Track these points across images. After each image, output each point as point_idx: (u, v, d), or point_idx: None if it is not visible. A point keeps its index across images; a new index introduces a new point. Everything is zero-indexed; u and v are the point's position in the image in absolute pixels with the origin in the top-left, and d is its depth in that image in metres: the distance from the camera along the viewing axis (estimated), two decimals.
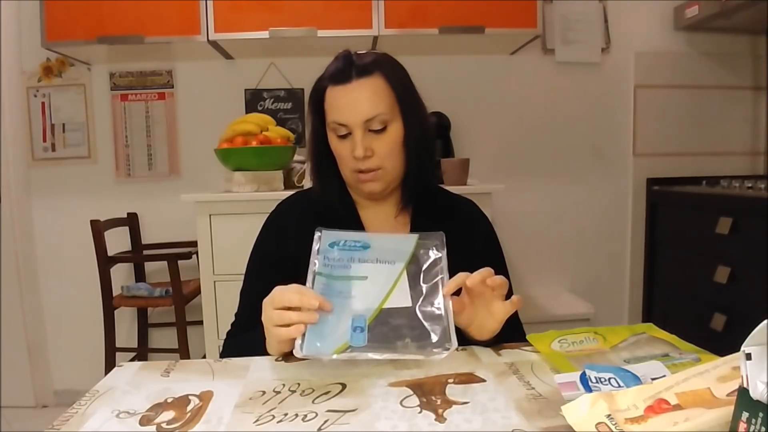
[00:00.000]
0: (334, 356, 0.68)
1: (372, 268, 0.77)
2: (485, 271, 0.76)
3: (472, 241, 1.00)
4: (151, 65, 2.40)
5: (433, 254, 0.79)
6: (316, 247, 0.79)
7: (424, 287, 0.75)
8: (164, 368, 0.77)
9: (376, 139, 0.93)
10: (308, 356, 0.68)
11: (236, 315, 1.02)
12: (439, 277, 0.77)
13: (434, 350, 0.69)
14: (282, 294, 0.72)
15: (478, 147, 2.44)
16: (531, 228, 2.53)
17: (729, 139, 2.55)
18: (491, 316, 0.79)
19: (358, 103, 0.90)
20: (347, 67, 0.92)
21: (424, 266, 0.78)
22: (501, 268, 1.04)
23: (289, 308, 0.71)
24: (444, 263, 0.79)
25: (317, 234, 0.80)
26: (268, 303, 0.74)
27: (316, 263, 0.77)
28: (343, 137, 0.94)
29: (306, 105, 1.04)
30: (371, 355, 0.68)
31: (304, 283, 0.75)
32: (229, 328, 1.02)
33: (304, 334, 0.69)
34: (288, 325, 0.71)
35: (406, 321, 0.72)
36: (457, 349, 0.75)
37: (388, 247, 0.80)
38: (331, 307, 0.71)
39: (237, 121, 1.99)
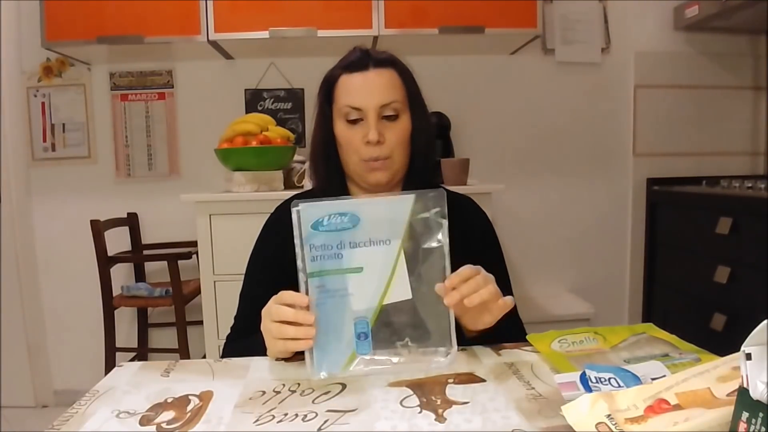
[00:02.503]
0: (346, 373, 0.69)
1: (366, 254, 0.70)
2: (466, 289, 0.72)
3: (469, 239, 1.00)
4: (151, 65, 2.40)
5: (433, 223, 0.72)
6: (298, 233, 0.70)
7: (424, 271, 0.72)
8: (164, 368, 0.78)
9: (388, 127, 0.94)
10: (321, 376, 0.69)
11: (235, 318, 1.02)
12: (441, 265, 0.72)
13: (438, 354, 0.70)
14: (278, 308, 0.72)
15: (478, 147, 2.44)
16: (531, 228, 2.53)
17: (729, 139, 2.55)
18: (487, 310, 0.77)
19: (374, 87, 0.92)
20: (364, 58, 0.94)
21: (424, 243, 0.72)
22: (498, 266, 1.04)
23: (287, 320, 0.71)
24: (445, 246, 0.72)
25: (294, 211, 0.70)
26: (266, 314, 0.74)
27: (304, 259, 0.69)
28: (354, 122, 0.94)
29: (307, 103, 1.03)
30: (378, 367, 0.69)
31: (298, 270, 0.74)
32: (228, 331, 1.01)
33: (311, 352, 0.69)
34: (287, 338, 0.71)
35: (408, 319, 0.71)
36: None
37: (380, 216, 0.71)
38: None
39: (237, 121, 1.99)
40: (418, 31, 2.08)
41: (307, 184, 1.87)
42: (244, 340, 0.92)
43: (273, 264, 0.98)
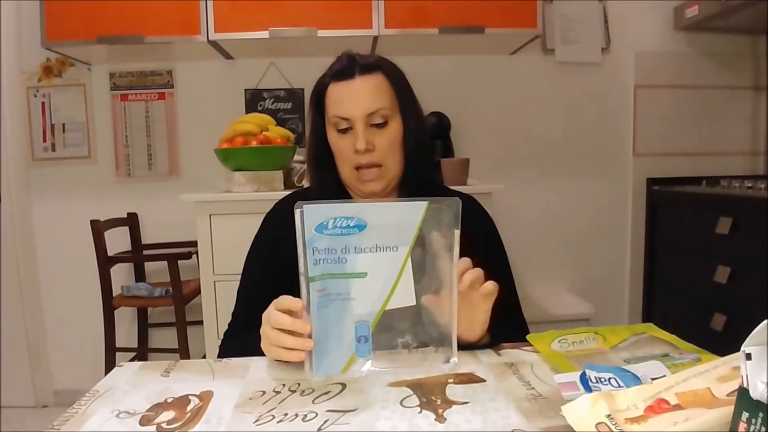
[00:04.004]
0: (345, 375, 0.69)
1: (371, 259, 0.67)
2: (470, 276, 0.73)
3: (472, 238, 1.00)
4: (151, 65, 2.40)
5: (445, 232, 0.69)
6: (300, 235, 0.66)
7: (430, 280, 0.70)
8: (164, 368, 0.78)
9: (377, 134, 0.94)
10: (320, 377, 0.69)
11: (233, 315, 1.02)
12: (449, 275, 0.70)
13: (438, 361, 0.70)
14: (278, 315, 0.71)
15: (478, 147, 2.44)
16: (531, 228, 2.53)
17: (729, 139, 2.55)
18: (474, 308, 0.76)
19: (360, 96, 0.92)
20: (350, 65, 0.94)
21: (432, 252, 0.69)
22: (503, 267, 1.04)
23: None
24: (455, 257, 0.70)
25: (297, 213, 0.66)
26: (265, 320, 0.74)
27: (306, 262, 0.66)
28: (343, 132, 0.94)
29: (307, 104, 1.04)
30: (377, 370, 0.69)
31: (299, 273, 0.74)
32: (226, 328, 1.02)
33: (311, 353, 0.68)
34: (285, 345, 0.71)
35: (410, 324, 0.71)
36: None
37: (389, 222, 0.68)
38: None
39: (237, 121, 1.99)
40: (418, 31, 2.08)
41: (307, 185, 1.87)
42: (242, 338, 0.92)
43: (271, 259, 0.98)
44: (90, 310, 2.28)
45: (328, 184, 1.01)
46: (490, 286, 0.75)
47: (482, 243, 1.01)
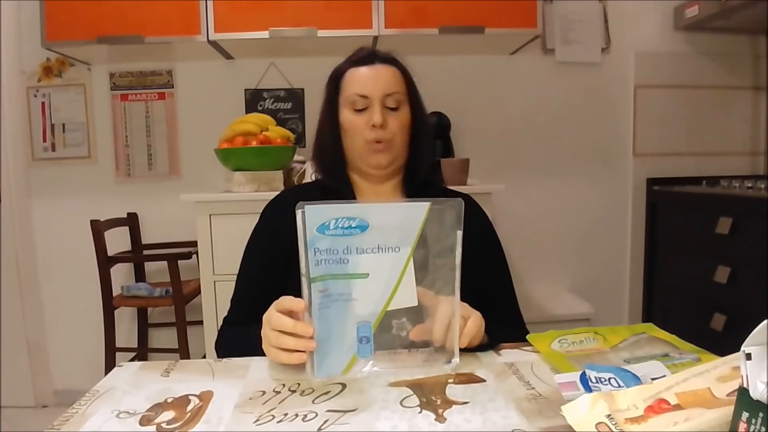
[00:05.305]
0: (346, 376, 0.69)
1: (373, 260, 0.67)
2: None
3: (470, 238, 1.00)
4: (151, 65, 2.40)
5: (447, 233, 0.69)
6: (302, 235, 0.65)
7: (432, 281, 0.70)
8: (164, 368, 0.78)
9: (390, 116, 1.00)
10: (321, 378, 0.69)
11: (232, 302, 1.03)
12: (451, 276, 0.70)
13: (440, 362, 0.71)
14: (279, 317, 0.71)
15: (478, 147, 2.44)
16: (531, 228, 2.53)
17: (729, 139, 2.55)
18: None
19: (380, 78, 1.00)
20: (370, 55, 1.03)
21: (435, 253, 0.69)
22: (499, 263, 1.05)
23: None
24: (457, 257, 0.70)
25: (299, 213, 0.65)
26: (266, 321, 0.74)
27: (307, 263, 0.66)
28: (360, 111, 1.00)
29: (307, 104, 1.06)
30: (379, 370, 0.69)
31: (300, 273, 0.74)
32: (225, 314, 1.03)
33: (312, 354, 0.68)
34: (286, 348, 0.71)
35: (411, 326, 0.71)
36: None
37: (390, 223, 0.68)
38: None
39: (237, 121, 1.99)
40: (418, 31, 2.08)
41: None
42: (241, 329, 0.93)
43: (269, 248, 1.01)
44: (90, 310, 2.28)
45: (333, 169, 1.04)
46: (472, 329, 0.75)
47: (479, 241, 1.02)
